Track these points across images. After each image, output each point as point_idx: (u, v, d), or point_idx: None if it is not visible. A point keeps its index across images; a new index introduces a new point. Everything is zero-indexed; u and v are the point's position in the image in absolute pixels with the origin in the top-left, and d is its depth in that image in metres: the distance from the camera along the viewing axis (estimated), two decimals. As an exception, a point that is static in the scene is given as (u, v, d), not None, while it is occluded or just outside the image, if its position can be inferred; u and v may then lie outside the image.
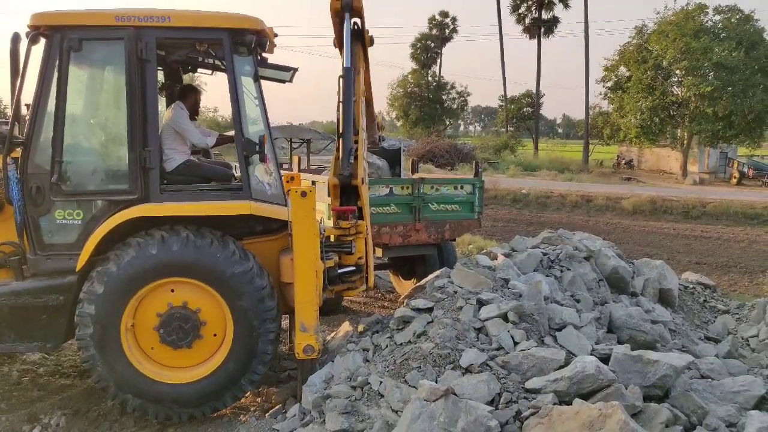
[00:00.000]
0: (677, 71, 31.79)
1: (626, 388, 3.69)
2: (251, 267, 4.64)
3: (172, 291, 4.65)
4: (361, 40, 5.26)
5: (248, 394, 5.05)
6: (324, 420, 4.01)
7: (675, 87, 32.74)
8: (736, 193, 25.33)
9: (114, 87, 5.02)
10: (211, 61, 5.68)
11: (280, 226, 4.96)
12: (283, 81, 5.97)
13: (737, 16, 31.57)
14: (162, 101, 5.64)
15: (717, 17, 32.10)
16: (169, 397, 4.68)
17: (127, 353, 4.60)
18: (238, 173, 5.22)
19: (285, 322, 6.50)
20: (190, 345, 4.69)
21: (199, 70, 6.09)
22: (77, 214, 4.71)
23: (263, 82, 5.09)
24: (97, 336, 4.52)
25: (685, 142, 33.33)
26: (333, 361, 4.61)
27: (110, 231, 4.56)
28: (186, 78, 6.36)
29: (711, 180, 33.28)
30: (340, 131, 5.24)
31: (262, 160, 4.93)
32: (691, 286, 7.08)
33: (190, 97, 5.51)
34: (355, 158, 5.18)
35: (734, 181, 32.30)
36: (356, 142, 5.23)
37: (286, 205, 4.86)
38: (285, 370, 5.81)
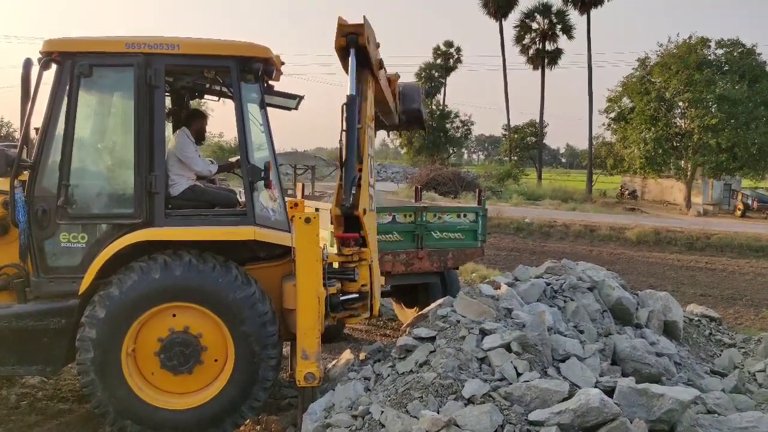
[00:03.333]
0: (680, 103, 32.02)
1: (631, 422, 3.65)
2: (253, 292, 4.64)
3: (174, 316, 4.64)
4: (369, 66, 5.32)
5: (248, 421, 4.98)
6: (324, 450, 3.95)
7: (678, 118, 32.93)
8: (740, 225, 25.26)
9: (122, 112, 5.10)
10: (218, 87, 5.77)
11: (284, 252, 4.97)
12: (289, 108, 6.06)
13: (739, 50, 31.91)
14: (168, 126, 5.71)
15: (719, 51, 32.45)
16: (168, 424, 4.64)
17: (127, 378, 4.57)
18: (242, 198, 5.25)
19: (286, 349, 6.46)
20: (191, 370, 4.66)
21: (207, 96, 6.17)
22: (82, 238, 4.73)
23: (269, 109, 5.15)
24: (98, 361, 4.50)
25: (689, 173, 33.38)
26: (334, 390, 4.56)
27: (114, 255, 4.57)
28: (194, 104, 6.43)
29: (715, 211, 33.24)
30: (343, 159, 5.27)
31: (267, 186, 4.97)
32: (696, 318, 7.02)
33: (196, 122, 5.57)
34: (358, 187, 5.19)
35: (738, 212, 32.24)
36: (360, 170, 5.25)
37: (289, 231, 4.88)
38: (285, 398, 5.75)
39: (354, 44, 5.04)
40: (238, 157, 5.12)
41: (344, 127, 5.18)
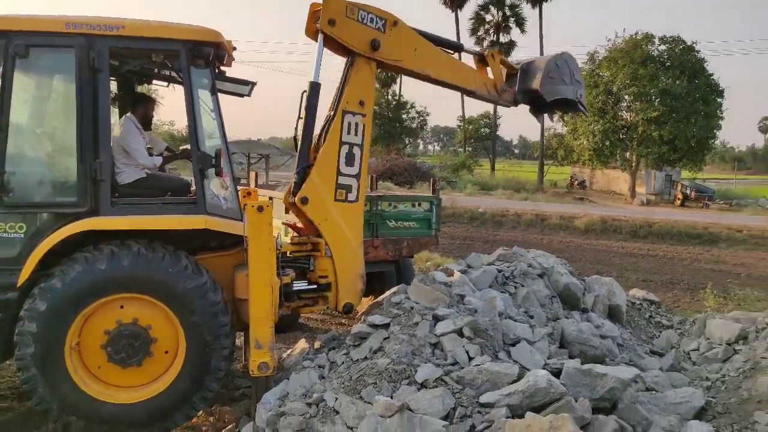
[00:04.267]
0: (626, 96, 33.03)
1: (576, 401, 3.78)
2: (205, 282, 4.57)
3: (122, 307, 4.53)
4: (348, 49, 5.28)
5: (200, 412, 4.94)
6: (278, 438, 3.95)
7: (624, 111, 33.96)
8: (679, 214, 26.31)
9: (64, 96, 4.90)
10: (167, 72, 5.62)
11: (236, 241, 4.91)
12: (241, 95, 5.96)
13: (681, 46, 33.09)
14: (115, 112, 5.54)
15: (662, 47, 33.58)
16: (116, 419, 4.53)
17: (71, 373, 4.42)
18: (193, 187, 5.16)
19: (239, 340, 6.41)
20: (140, 363, 4.56)
21: (155, 81, 6.00)
22: (20, 227, 4.52)
23: (221, 96, 5.06)
24: (39, 355, 4.33)
25: (634, 164, 34.55)
26: (288, 379, 4.56)
27: (56, 245, 4.41)
28: (144, 90, 6.25)
29: (657, 201, 34.49)
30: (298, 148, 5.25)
31: (218, 174, 4.89)
32: (638, 302, 7.30)
33: (141, 107, 5.41)
34: (306, 175, 5.16)
35: (678, 202, 33.53)
36: (315, 158, 5.23)
37: (242, 220, 4.82)
38: (239, 388, 5.71)
39: (321, 28, 5.06)
40: (188, 145, 5.01)
41: (300, 115, 5.17)
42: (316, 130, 5.29)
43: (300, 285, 5.30)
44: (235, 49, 5.31)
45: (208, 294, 4.57)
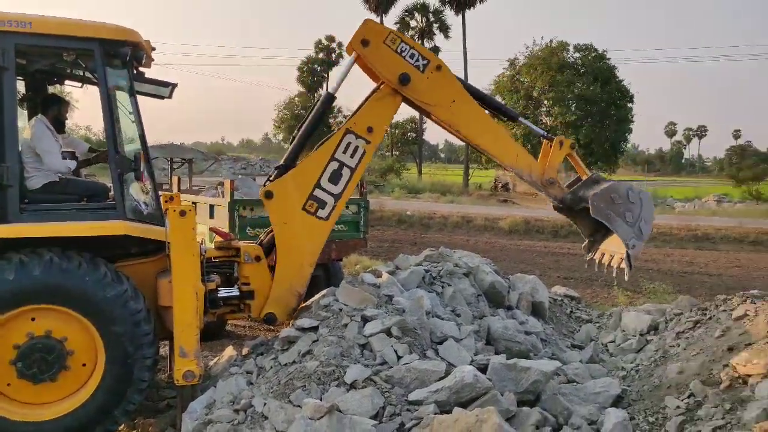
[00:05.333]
0: (545, 101, 34.48)
1: (502, 395, 3.90)
2: (125, 290, 4.40)
3: (33, 320, 4.29)
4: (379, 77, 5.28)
5: (122, 426, 4.73)
6: (205, 447, 3.86)
7: (544, 116, 35.40)
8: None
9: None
10: (81, 72, 5.38)
11: (158, 247, 4.75)
12: (162, 97, 5.78)
13: (593, 54, 34.88)
14: (24, 114, 5.24)
15: (577, 54, 35.28)
16: None
17: None
18: (112, 192, 4.95)
19: (164, 349, 6.20)
20: (55, 378, 4.33)
21: (68, 81, 5.72)
22: None
23: (141, 98, 4.89)
24: None
25: (554, 167, 36.05)
26: (215, 386, 4.46)
27: None
28: (57, 91, 5.94)
29: (576, 202, 36.06)
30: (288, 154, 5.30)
31: (138, 178, 4.72)
32: (560, 298, 7.62)
33: (53, 108, 5.13)
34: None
35: (596, 203, 35.20)
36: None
37: (164, 226, 4.67)
38: (164, 399, 5.52)
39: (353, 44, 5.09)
40: (105, 148, 4.81)
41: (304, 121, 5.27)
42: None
43: (225, 291, 5.19)
44: (154, 49, 5.15)
45: (128, 302, 4.39)
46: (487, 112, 5.61)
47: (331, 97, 5.35)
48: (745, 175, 50.05)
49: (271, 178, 5.27)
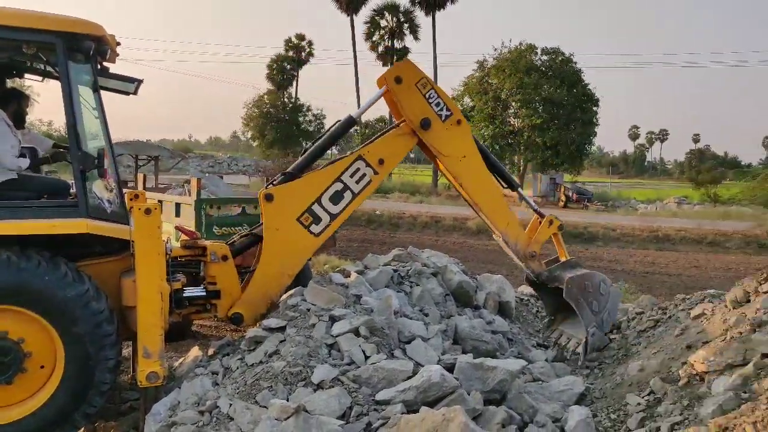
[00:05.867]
0: (513, 103, 34.92)
1: (468, 394, 3.94)
2: (86, 290, 4.29)
3: None
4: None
5: (82, 429, 4.63)
6: (169, 450, 3.80)
7: (512, 118, 35.86)
8: (563, 215, 27.98)
9: None
10: (42, 66, 5.23)
11: (122, 246, 4.66)
12: (127, 93, 5.66)
13: (560, 58, 35.47)
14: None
15: (544, 57, 35.82)
16: None
17: None
18: (74, 189, 4.83)
19: (127, 350, 6.08)
20: (11, 380, 4.19)
21: (28, 75, 5.56)
22: None
23: (105, 94, 4.79)
24: None
25: (521, 168, 36.53)
26: (179, 388, 4.39)
27: None
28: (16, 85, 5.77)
29: (543, 203, 36.54)
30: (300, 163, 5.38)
31: (102, 175, 4.62)
32: (526, 298, 7.73)
33: (12, 103, 4.96)
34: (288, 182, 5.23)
35: (561, 204, 35.81)
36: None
37: (128, 224, 4.58)
38: (126, 401, 5.41)
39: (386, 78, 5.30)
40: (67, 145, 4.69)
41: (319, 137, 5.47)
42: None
43: (191, 291, 5.12)
44: (119, 44, 5.05)
45: (90, 303, 4.29)
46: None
47: (352, 121, 5.49)
48: (703, 177, 51.50)
49: (274, 183, 5.32)
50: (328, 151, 5.86)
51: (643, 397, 4.40)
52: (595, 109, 35.49)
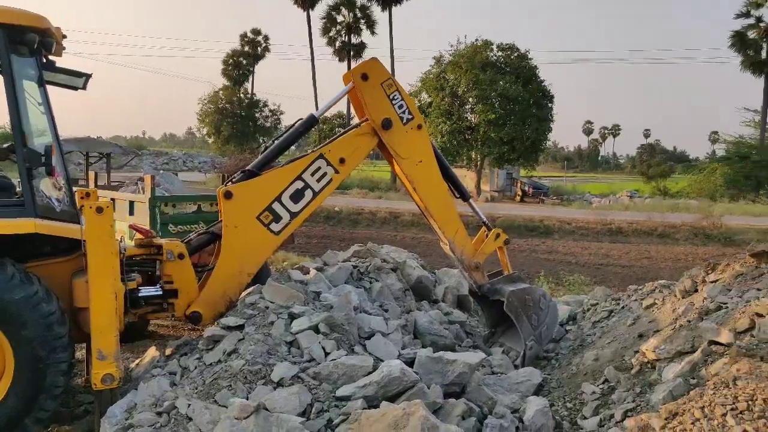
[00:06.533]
0: (470, 99, 35.24)
1: (428, 388, 3.98)
2: (35, 291, 4.15)
3: None
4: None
5: (35, 435, 4.48)
6: (125, 453, 3.71)
7: (469, 114, 36.20)
8: (519, 209, 28.63)
9: None
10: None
11: (73, 246, 4.52)
12: (75, 88, 5.49)
13: (515, 54, 35.98)
14: None
15: (500, 53, 36.27)
16: None
17: None
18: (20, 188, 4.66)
19: (80, 352, 5.91)
20: None
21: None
22: None
23: (51, 89, 4.63)
24: None
25: (479, 163, 36.96)
26: (136, 389, 4.29)
27: None
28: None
29: (500, 198, 37.20)
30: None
31: (49, 173, 4.46)
32: (484, 291, 7.83)
33: None
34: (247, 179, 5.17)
35: (518, 198, 36.46)
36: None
37: (79, 223, 4.45)
38: (81, 405, 5.27)
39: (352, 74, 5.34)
40: (11, 143, 4.52)
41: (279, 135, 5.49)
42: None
43: (147, 290, 5.01)
44: (65, 37, 4.89)
45: (40, 305, 4.15)
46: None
47: (314, 120, 5.45)
48: (654, 171, 53.31)
49: (233, 180, 5.25)
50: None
51: (597, 386, 4.53)
52: (550, 105, 36.18)
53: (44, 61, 4.56)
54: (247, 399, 3.73)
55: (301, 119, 5.47)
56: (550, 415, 4.07)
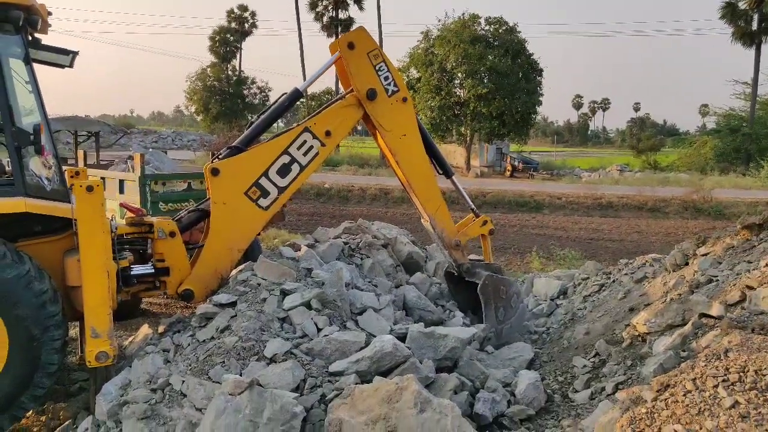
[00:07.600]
0: (459, 74, 34.95)
1: (421, 362, 4.03)
2: (27, 270, 4.15)
3: None
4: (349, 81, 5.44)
5: (31, 412, 4.52)
6: (121, 429, 3.75)
7: (458, 89, 35.94)
8: (509, 184, 28.69)
9: None
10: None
11: (64, 224, 4.50)
12: (62, 66, 5.41)
13: (504, 27, 35.62)
14: None
15: (488, 27, 35.91)
16: None
17: None
18: (9, 168, 4.62)
19: (74, 330, 5.94)
20: None
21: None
22: None
23: (38, 67, 4.57)
24: None
25: (468, 138, 36.84)
26: (130, 366, 4.32)
27: None
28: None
29: (490, 173, 37.21)
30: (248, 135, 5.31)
31: (39, 152, 4.43)
32: (474, 267, 7.88)
33: None
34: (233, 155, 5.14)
35: (508, 173, 36.47)
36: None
37: (69, 202, 4.42)
38: (75, 382, 5.31)
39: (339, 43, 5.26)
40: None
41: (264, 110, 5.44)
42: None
43: (139, 269, 5.02)
44: (50, 14, 4.80)
45: (32, 283, 4.15)
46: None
47: (298, 93, 5.43)
48: (644, 145, 53.42)
49: (219, 156, 5.22)
50: (274, 124, 5.74)
51: (588, 359, 4.59)
52: (539, 79, 35.97)
53: (30, 38, 4.49)
54: (241, 375, 3.77)
55: (286, 93, 5.43)
56: (542, 388, 4.15)
